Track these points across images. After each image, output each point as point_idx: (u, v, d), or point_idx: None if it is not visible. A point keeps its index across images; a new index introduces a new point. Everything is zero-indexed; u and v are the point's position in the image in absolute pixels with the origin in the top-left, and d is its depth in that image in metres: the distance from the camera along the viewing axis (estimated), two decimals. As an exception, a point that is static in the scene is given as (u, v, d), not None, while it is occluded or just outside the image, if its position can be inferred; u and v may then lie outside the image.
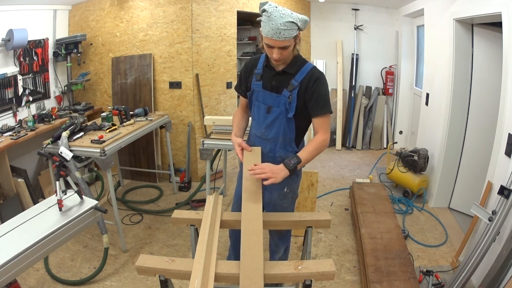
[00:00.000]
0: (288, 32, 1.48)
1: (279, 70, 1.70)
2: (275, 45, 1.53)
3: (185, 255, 2.68)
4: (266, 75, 1.74)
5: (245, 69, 1.85)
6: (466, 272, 1.95)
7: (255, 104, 1.79)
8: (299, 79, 1.66)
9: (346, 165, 4.57)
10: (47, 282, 2.36)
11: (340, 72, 5.07)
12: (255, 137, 1.85)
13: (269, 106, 1.73)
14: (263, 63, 1.75)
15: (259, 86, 1.75)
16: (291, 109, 1.68)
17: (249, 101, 1.84)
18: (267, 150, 1.81)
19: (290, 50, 1.58)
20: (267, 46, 1.57)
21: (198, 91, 3.75)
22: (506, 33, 2.21)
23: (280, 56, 1.57)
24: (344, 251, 2.74)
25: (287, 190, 1.87)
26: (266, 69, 1.74)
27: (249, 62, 1.84)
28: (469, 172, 3.17)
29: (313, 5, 5.10)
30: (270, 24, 1.47)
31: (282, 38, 1.49)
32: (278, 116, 1.72)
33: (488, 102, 2.88)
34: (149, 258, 1.38)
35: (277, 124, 1.74)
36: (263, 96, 1.74)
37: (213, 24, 3.72)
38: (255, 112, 1.81)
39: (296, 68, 1.67)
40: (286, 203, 1.92)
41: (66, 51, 3.78)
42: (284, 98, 1.68)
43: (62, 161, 2.17)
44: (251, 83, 1.79)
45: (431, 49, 3.77)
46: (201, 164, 3.93)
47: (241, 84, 1.88)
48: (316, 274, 1.30)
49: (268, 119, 1.75)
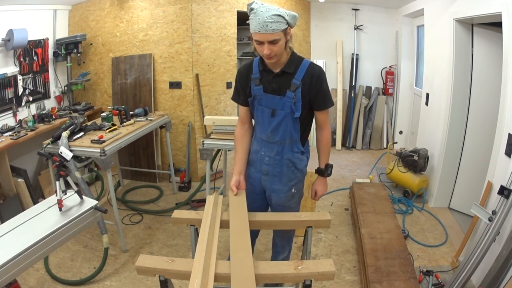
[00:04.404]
0: (276, 24, 1.47)
1: (277, 72, 1.67)
2: (264, 39, 1.51)
3: (185, 255, 2.68)
4: (265, 79, 1.71)
5: (240, 77, 1.80)
6: (466, 272, 1.94)
7: (258, 109, 1.76)
8: (299, 77, 1.64)
9: (346, 165, 4.57)
10: (47, 282, 2.36)
11: (340, 72, 5.07)
12: (261, 141, 1.82)
13: (273, 109, 1.71)
14: (259, 67, 1.72)
15: (260, 91, 1.72)
16: (297, 109, 1.67)
17: (251, 107, 1.81)
18: (274, 153, 1.79)
19: (280, 45, 1.55)
20: (257, 43, 1.55)
21: (198, 91, 3.75)
22: (506, 33, 2.20)
23: (271, 52, 1.54)
24: (344, 251, 2.74)
25: (294, 191, 1.87)
26: (264, 73, 1.71)
27: (243, 69, 1.79)
28: (469, 172, 3.17)
29: (313, 5, 5.09)
30: (257, 19, 1.47)
31: (269, 31, 1.47)
32: (284, 118, 1.70)
33: (488, 102, 2.88)
34: (149, 258, 1.38)
35: (283, 126, 1.72)
36: (266, 99, 1.72)
37: (213, 24, 3.72)
38: (259, 116, 1.78)
39: (294, 67, 1.65)
40: (294, 203, 1.93)
41: (66, 51, 3.78)
42: (288, 100, 1.66)
43: (62, 161, 2.17)
44: (250, 89, 1.76)
45: (431, 49, 3.77)
46: (201, 164, 3.93)
47: (239, 93, 1.83)
48: (316, 274, 1.30)
49: (273, 122, 1.72)
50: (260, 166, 1.83)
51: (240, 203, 1.68)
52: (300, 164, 1.82)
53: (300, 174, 1.85)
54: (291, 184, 1.83)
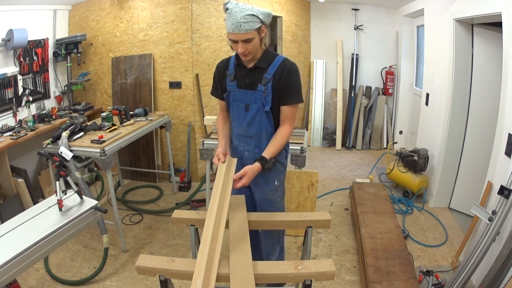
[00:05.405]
0: (249, 24, 1.52)
1: (251, 67, 1.71)
2: (238, 39, 1.56)
3: (185, 255, 2.68)
4: (239, 74, 1.75)
5: (217, 72, 1.86)
6: (466, 272, 1.95)
7: (233, 104, 1.81)
8: (271, 72, 1.68)
9: (346, 165, 4.57)
10: (47, 282, 2.36)
11: (340, 72, 5.07)
12: (239, 137, 1.86)
13: (246, 103, 1.75)
14: (234, 63, 1.77)
15: (234, 86, 1.77)
16: (266, 103, 1.71)
17: (227, 102, 1.86)
18: (252, 147, 1.82)
19: (254, 43, 1.60)
20: (232, 41, 1.60)
21: (198, 91, 3.75)
22: (506, 33, 2.20)
23: (245, 50, 1.59)
24: (344, 251, 2.74)
25: (277, 183, 1.90)
26: (238, 68, 1.76)
27: (220, 65, 1.85)
28: (469, 172, 3.17)
29: (313, 5, 5.09)
30: (231, 19, 1.52)
31: (243, 31, 1.52)
32: (257, 112, 1.74)
33: (488, 102, 2.88)
34: (149, 258, 1.38)
35: (257, 120, 1.76)
36: (240, 94, 1.77)
37: (213, 24, 3.72)
38: (234, 112, 1.83)
39: (267, 62, 1.69)
40: (278, 197, 1.95)
41: (66, 51, 3.78)
42: (259, 93, 1.71)
43: (62, 161, 2.17)
44: (226, 85, 1.81)
45: (431, 49, 3.77)
46: (201, 164, 3.93)
47: (217, 88, 1.89)
48: (316, 274, 1.30)
49: (248, 117, 1.77)
50: (241, 161, 1.85)
51: (238, 201, 1.68)
52: (280, 156, 1.83)
53: (280, 165, 1.88)
54: (273, 175, 1.86)
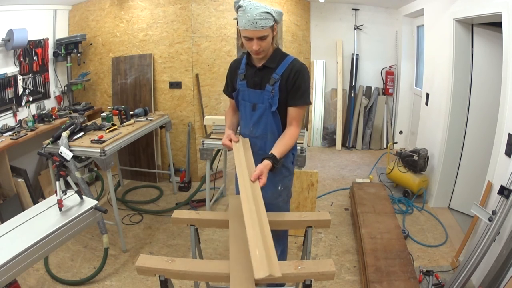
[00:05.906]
0: (265, 21, 1.52)
1: (260, 66, 1.71)
2: (254, 36, 1.56)
3: (185, 255, 2.68)
4: (249, 73, 1.76)
5: (230, 71, 1.89)
6: (466, 272, 1.95)
7: (242, 104, 1.82)
8: (280, 72, 1.67)
9: (346, 165, 4.57)
10: (47, 282, 2.36)
11: (340, 72, 5.07)
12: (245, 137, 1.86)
13: (254, 103, 1.75)
14: (245, 62, 1.78)
15: (243, 85, 1.77)
16: (274, 103, 1.70)
17: (236, 102, 1.87)
18: (257, 148, 1.81)
19: (268, 41, 1.60)
20: (246, 39, 1.59)
21: (198, 91, 3.75)
22: (506, 33, 2.21)
23: (260, 48, 1.59)
24: (344, 251, 2.74)
25: (281, 188, 1.87)
26: (248, 67, 1.77)
27: (233, 64, 1.89)
28: (469, 172, 3.17)
29: (313, 5, 5.09)
30: (246, 16, 1.51)
31: (259, 28, 1.53)
32: (264, 112, 1.73)
33: (488, 102, 2.88)
34: (149, 258, 1.37)
35: (264, 120, 1.75)
36: (248, 94, 1.77)
37: (213, 24, 3.72)
38: (242, 111, 1.84)
39: (276, 62, 1.69)
40: (282, 201, 1.91)
41: (66, 51, 3.78)
42: (267, 93, 1.70)
43: (62, 161, 2.17)
44: (236, 84, 1.83)
45: (431, 49, 3.77)
46: (201, 164, 3.93)
47: (228, 86, 1.92)
48: (316, 274, 1.30)
49: (254, 116, 1.76)
50: None
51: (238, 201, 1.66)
52: (285, 160, 1.81)
53: (285, 170, 1.85)
54: (276, 179, 1.82)
